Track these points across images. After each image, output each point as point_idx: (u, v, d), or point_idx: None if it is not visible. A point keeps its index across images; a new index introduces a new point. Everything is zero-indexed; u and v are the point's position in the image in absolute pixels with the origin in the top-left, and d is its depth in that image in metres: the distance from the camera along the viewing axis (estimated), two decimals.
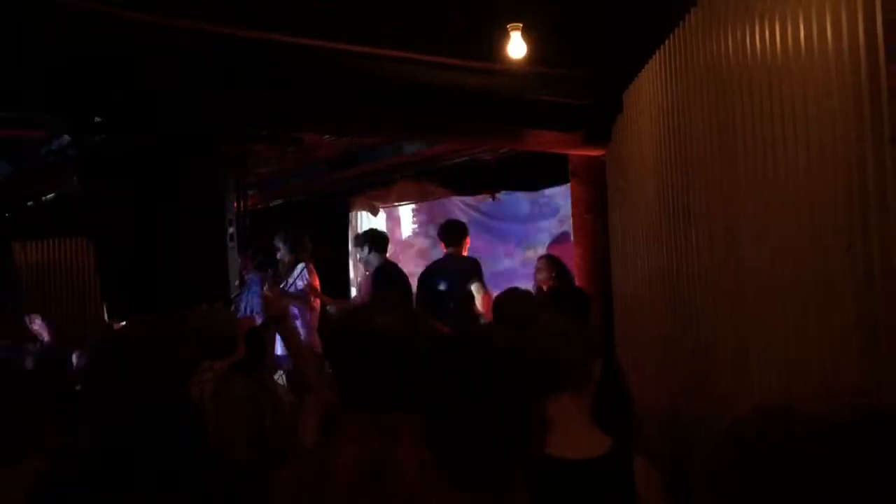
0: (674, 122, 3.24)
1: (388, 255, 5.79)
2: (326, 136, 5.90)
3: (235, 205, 3.90)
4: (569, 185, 5.29)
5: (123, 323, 3.64)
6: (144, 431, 1.54)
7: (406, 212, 8.04)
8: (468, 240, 5.54)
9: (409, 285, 5.60)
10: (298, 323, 5.57)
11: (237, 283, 4.05)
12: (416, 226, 8.08)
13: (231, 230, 3.70)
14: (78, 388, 2.81)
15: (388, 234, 6.22)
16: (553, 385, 1.80)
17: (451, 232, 5.46)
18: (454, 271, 5.27)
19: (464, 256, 5.43)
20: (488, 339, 1.57)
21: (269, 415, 1.98)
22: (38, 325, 5.54)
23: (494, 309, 3.23)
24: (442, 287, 5.26)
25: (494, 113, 4.24)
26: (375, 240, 5.75)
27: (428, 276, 5.41)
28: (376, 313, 1.60)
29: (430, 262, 6.09)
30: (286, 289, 5.74)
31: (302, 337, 4.87)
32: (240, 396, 2.62)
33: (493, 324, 3.21)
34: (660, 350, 3.51)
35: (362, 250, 5.72)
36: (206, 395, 2.84)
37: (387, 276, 5.51)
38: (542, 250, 6.71)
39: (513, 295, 3.20)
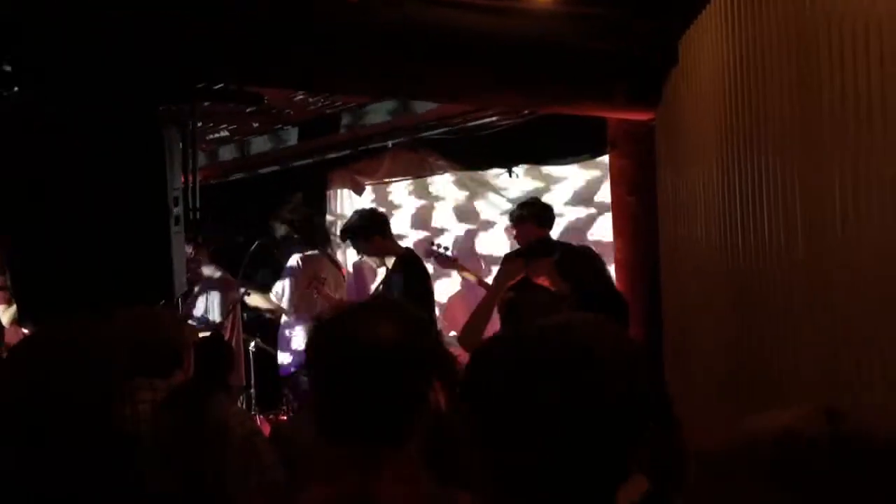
0: (742, 79, 3.24)
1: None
2: (297, 96, 5.88)
3: (182, 179, 3.88)
4: None
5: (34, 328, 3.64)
6: (59, 467, 1.52)
7: (399, 190, 8.00)
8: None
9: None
10: None
11: (185, 278, 4.04)
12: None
13: (176, 211, 3.68)
14: None
15: None
16: None
17: None
18: None
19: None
20: None
21: (209, 450, 1.96)
22: None
23: (508, 311, 3.29)
24: None
25: (507, 64, 4.13)
26: (378, 222, 5.32)
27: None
28: (371, 319, 1.53)
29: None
30: None
31: None
32: (173, 427, 2.60)
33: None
34: (720, 365, 3.50)
35: (365, 240, 5.25)
36: (144, 423, 2.83)
37: (417, 270, 5.23)
38: None
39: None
